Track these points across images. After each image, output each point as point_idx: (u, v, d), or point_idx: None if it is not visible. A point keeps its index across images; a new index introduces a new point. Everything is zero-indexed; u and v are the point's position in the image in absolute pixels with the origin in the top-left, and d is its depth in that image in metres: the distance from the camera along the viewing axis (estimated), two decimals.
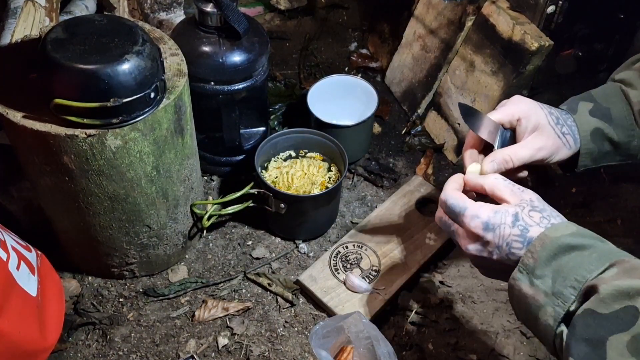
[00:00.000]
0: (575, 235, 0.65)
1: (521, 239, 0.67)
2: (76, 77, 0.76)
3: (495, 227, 0.68)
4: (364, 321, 0.89)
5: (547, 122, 0.82)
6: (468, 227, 0.71)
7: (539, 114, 0.82)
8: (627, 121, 0.84)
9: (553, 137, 0.82)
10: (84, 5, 1.26)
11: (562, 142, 0.83)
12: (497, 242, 0.69)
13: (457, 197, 0.73)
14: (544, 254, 0.64)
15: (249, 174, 1.22)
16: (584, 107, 0.85)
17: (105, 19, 0.85)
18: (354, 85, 1.28)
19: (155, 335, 1.00)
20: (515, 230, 0.67)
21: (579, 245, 0.64)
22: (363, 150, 1.29)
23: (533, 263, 0.65)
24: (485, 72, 1.18)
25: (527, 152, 0.81)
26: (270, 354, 0.98)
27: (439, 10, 1.29)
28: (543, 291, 0.63)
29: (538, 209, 0.69)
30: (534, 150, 0.82)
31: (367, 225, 1.14)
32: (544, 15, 1.09)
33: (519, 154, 0.81)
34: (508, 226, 0.68)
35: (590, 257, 0.63)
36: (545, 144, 0.82)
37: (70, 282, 1.05)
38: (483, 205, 0.71)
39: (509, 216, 0.68)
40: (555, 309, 0.62)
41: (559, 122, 0.83)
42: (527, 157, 0.82)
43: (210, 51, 1.05)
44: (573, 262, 0.63)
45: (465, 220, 0.71)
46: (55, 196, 0.91)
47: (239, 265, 1.10)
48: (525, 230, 0.67)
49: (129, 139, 0.83)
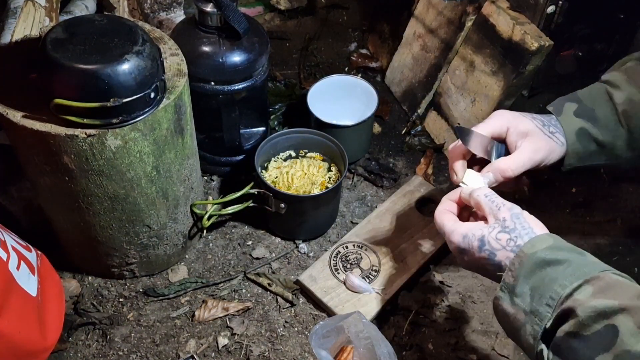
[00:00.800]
0: (552, 249, 0.67)
1: (491, 262, 0.70)
2: (76, 77, 0.76)
3: (465, 252, 0.73)
4: (364, 321, 0.89)
5: (534, 126, 0.85)
6: (450, 245, 0.76)
7: (524, 120, 0.85)
8: (611, 121, 0.86)
9: (544, 139, 0.84)
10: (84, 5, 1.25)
11: (554, 141, 0.85)
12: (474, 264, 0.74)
13: (440, 218, 0.79)
14: (522, 271, 0.66)
15: (249, 174, 1.22)
16: (569, 107, 0.87)
17: (105, 18, 0.85)
18: (354, 85, 1.28)
19: (155, 335, 1.00)
20: (483, 255, 0.71)
21: (553, 260, 0.65)
22: (363, 150, 1.29)
23: (513, 282, 0.67)
24: (485, 72, 1.18)
25: (523, 158, 0.83)
26: (270, 354, 0.98)
27: (439, 10, 1.29)
28: (522, 309, 0.66)
29: (507, 230, 0.70)
30: (530, 154, 0.84)
31: (367, 225, 1.14)
32: (544, 15, 1.09)
33: (517, 161, 0.83)
34: (475, 251, 0.71)
35: (565, 273, 0.64)
36: (539, 146, 0.84)
37: (70, 282, 1.05)
38: (457, 228, 0.75)
39: (475, 241, 0.72)
40: (533, 327, 0.64)
41: (545, 124, 0.86)
42: (525, 163, 0.84)
43: (210, 51, 1.05)
44: (548, 279, 0.64)
45: (446, 239, 0.77)
46: (55, 196, 0.91)
47: (239, 265, 1.10)
48: (492, 255, 0.70)
49: (129, 139, 0.83)
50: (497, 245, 0.70)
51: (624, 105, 0.85)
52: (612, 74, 0.89)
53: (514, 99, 1.19)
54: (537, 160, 0.84)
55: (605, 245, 1.14)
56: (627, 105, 0.85)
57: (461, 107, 1.25)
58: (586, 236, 1.16)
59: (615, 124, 0.85)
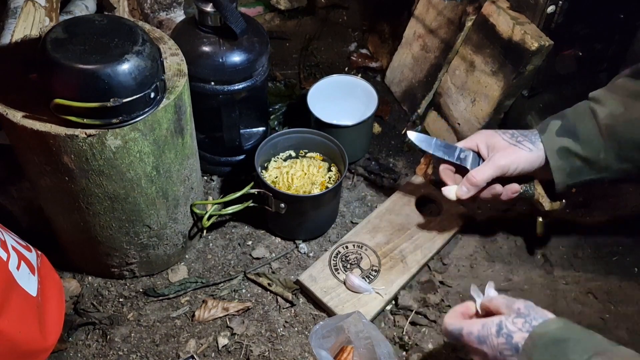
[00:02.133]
0: (562, 329, 0.71)
1: (508, 345, 0.72)
2: (76, 77, 0.76)
3: (485, 339, 0.74)
4: (364, 321, 0.89)
5: (500, 139, 0.96)
6: (468, 343, 0.77)
7: (494, 136, 0.97)
8: (593, 137, 0.92)
9: (508, 146, 0.95)
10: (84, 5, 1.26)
11: (519, 148, 0.94)
12: (492, 353, 0.74)
13: (453, 323, 0.79)
14: (536, 351, 0.69)
15: (249, 174, 1.22)
16: (553, 126, 0.95)
17: (105, 19, 0.85)
18: (354, 85, 1.28)
19: (155, 335, 1.00)
20: (501, 339, 0.73)
21: (565, 338, 0.69)
22: (363, 150, 1.30)
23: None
24: (485, 72, 1.18)
25: (487, 166, 0.95)
26: (270, 354, 0.98)
27: (438, 10, 1.29)
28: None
29: (523, 315, 0.74)
30: (492, 162, 0.95)
31: (367, 225, 1.14)
32: (544, 15, 1.09)
33: (481, 170, 0.95)
34: (494, 336, 0.74)
35: (576, 348, 0.67)
36: (502, 154, 0.94)
37: (70, 282, 1.05)
38: (475, 321, 0.78)
39: (493, 326, 0.74)
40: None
41: (513, 136, 0.95)
42: (489, 170, 0.95)
43: (210, 51, 1.05)
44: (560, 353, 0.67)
45: (464, 339, 0.77)
46: (55, 196, 0.91)
47: (239, 265, 1.10)
48: (509, 337, 0.73)
49: (129, 139, 0.83)
50: (513, 328, 0.73)
51: (606, 119, 0.91)
52: (598, 91, 0.95)
53: (514, 99, 1.19)
54: (501, 166, 0.94)
55: (605, 245, 1.14)
56: (609, 120, 0.90)
57: (461, 107, 1.25)
58: (586, 236, 1.16)
59: (598, 139, 0.91)
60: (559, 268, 1.11)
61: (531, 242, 1.15)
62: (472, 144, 1.00)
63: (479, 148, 0.99)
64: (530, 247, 1.14)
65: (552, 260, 1.12)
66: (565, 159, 0.93)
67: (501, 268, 1.11)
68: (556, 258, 1.13)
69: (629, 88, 0.92)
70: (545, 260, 1.13)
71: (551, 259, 1.13)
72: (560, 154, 0.93)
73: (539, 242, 1.14)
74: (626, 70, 0.94)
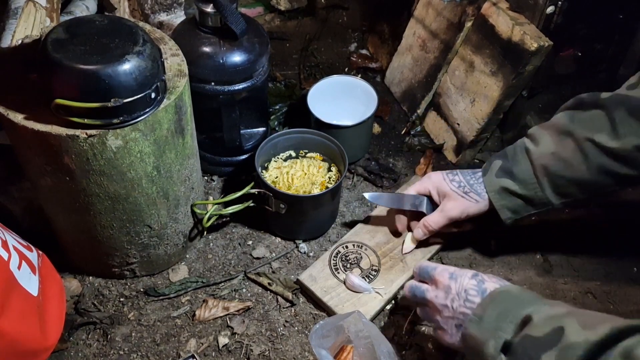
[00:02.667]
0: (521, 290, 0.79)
1: (477, 288, 0.81)
2: (77, 78, 0.77)
3: (457, 277, 0.84)
4: (364, 320, 0.90)
5: (449, 189, 1.03)
6: (437, 278, 0.86)
7: (443, 184, 1.04)
8: (528, 177, 0.96)
9: (458, 198, 1.02)
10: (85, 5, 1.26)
11: (467, 200, 1.01)
12: (457, 290, 0.83)
13: (429, 263, 0.91)
14: (492, 304, 0.77)
15: (249, 174, 1.22)
16: (495, 166, 1.00)
17: (105, 19, 0.85)
18: (354, 86, 1.28)
19: (156, 334, 1.00)
20: (473, 281, 0.82)
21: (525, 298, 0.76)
22: (363, 151, 1.30)
23: (482, 312, 0.77)
24: (485, 73, 1.18)
25: (440, 216, 1.03)
26: (270, 353, 0.98)
27: (438, 11, 1.29)
28: (487, 330, 0.75)
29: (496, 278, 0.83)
30: (445, 212, 1.03)
31: (367, 225, 1.14)
32: (543, 16, 1.09)
33: (435, 218, 1.04)
34: (468, 277, 0.83)
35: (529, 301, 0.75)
36: (453, 205, 1.02)
37: (71, 282, 1.06)
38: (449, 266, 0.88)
39: (470, 272, 0.84)
40: (497, 341, 0.72)
41: (460, 186, 1.02)
42: (442, 220, 1.03)
43: (210, 51, 1.05)
44: (515, 305, 0.75)
45: (436, 273, 0.87)
46: (55, 196, 0.91)
47: (240, 265, 1.10)
48: (481, 282, 0.82)
49: (130, 139, 0.83)
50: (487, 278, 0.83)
51: (540, 159, 0.95)
52: (534, 128, 0.99)
53: (514, 99, 1.19)
54: (452, 217, 1.03)
55: (604, 246, 1.14)
56: (542, 160, 0.94)
57: (460, 107, 1.25)
58: (585, 236, 1.16)
59: (532, 179, 0.96)
60: (559, 268, 1.11)
61: (531, 242, 1.15)
62: (424, 190, 1.07)
63: (431, 194, 1.06)
64: (530, 247, 1.14)
65: (552, 260, 1.12)
66: (506, 198, 0.98)
67: (501, 268, 1.11)
68: (555, 258, 1.13)
69: (559, 125, 0.94)
70: (544, 260, 1.13)
71: (550, 258, 1.13)
72: (500, 194, 0.99)
73: (538, 242, 1.15)
74: (569, 102, 0.96)
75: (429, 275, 0.88)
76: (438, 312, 0.85)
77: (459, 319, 0.81)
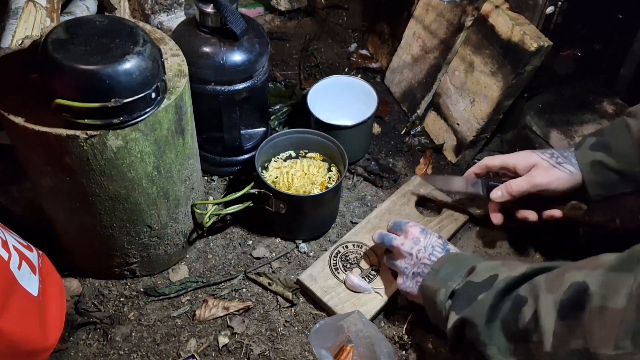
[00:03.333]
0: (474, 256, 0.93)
1: (442, 246, 0.94)
2: (77, 78, 0.77)
3: (428, 233, 0.97)
4: (364, 320, 0.90)
5: (540, 159, 0.99)
6: (409, 229, 0.98)
7: (532, 156, 1.00)
8: (627, 150, 0.93)
9: (548, 167, 0.98)
10: (85, 6, 1.26)
11: (559, 170, 0.97)
12: (425, 244, 0.95)
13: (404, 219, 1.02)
14: (449, 261, 0.90)
15: (250, 174, 1.22)
16: (589, 142, 0.97)
17: (106, 19, 0.85)
18: (354, 86, 1.28)
19: (156, 334, 1.00)
20: (440, 240, 0.95)
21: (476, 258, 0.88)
22: (363, 151, 1.30)
23: (439, 266, 0.89)
24: (485, 73, 1.18)
25: (525, 181, 0.99)
26: (270, 353, 0.98)
27: (438, 11, 1.29)
28: (441, 280, 0.87)
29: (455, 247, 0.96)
30: (531, 178, 0.99)
31: (367, 225, 1.14)
32: (543, 16, 1.09)
33: (518, 182, 1.00)
34: (435, 236, 0.96)
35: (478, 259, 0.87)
36: (541, 173, 0.98)
37: (72, 282, 1.06)
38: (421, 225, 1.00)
39: (436, 234, 0.97)
40: (446, 289, 0.85)
41: (552, 156, 0.99)
42: (527, 185, 0.99)
43: (210, 52, 1.05)
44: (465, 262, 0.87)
45: (409, 225, 0.99)
46: (56, 196, 0.91)
47: (240, 265, 1.10)
48: (446, 244, 0.95)
49: (130, 139, 0.83)
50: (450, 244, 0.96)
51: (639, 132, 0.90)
52: (636, 106, 0.94)
53: (514, 99, 1.19)
54: (537, 184, 0.98)
55: (604, 246, 1.13)
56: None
57: (460, 107, 1.25)
58: (585, 236, 1.16)
59: (631, 152, 0.91)
60: None
61: (530, 242, 1.15)
62: (509, 162, 1.03)
63: (517, 168, 1.02)
64: (530, 247, 1.14)
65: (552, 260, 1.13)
66: (599, 172, 0.95)
67: None
68: (555, 258, 1.13)
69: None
70: (544, 260, 1.13)
71: (550, 258, 1.13)
72: (593, 168, 0.95)
73: (538, 242, 1.15)
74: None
75: (401, 227, 1.00)
76: (402, 257, 0.96)
77: (419, 268, 0.93)
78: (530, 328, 0.71)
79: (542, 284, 0.72)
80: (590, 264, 0.68)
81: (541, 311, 0.69)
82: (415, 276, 0.93)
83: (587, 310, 0.64)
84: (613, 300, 0.62)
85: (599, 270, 0.66)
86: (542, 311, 0.69)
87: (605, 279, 0.64)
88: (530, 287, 0.74)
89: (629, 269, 0.62)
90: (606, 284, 0.64)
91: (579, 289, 0.66)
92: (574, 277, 0.67)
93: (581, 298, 0.65)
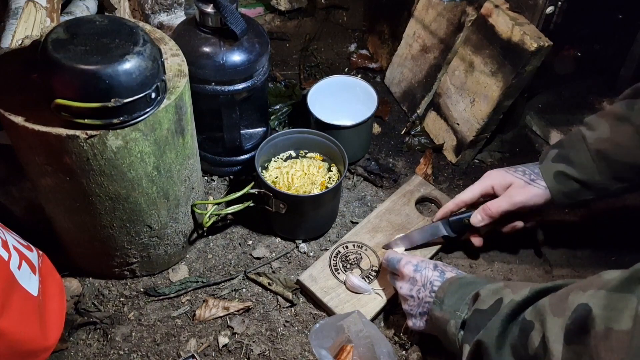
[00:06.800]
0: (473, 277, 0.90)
1: (440, 278, 0.92)
2: (77, 78, 0.77)
3: (421, 269, 0.94)
4: (364, 320, 0.90)
5: (514, 178, 1.02)
6: (402, 270, 0.96)
7: (507, 176, 1.03)
8: (586, 161, 0.97)
9: (523, 185, 1.01)
10: (85, 5, 1.26)
11: (534, 186, 1.00)
12: (422, 281, 0.93)
13: (394, 254, 1.01)
14: (451, 288, 0.88)
15: (250, 174, 1.22)
16: (551, 154, 1.01)
17: (106, 19, 0.85)
18: (354, 86, 1.28)
19: (156, 334, 1.00)
20: (436, 273, 0.93)
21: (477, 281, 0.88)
22: (363, 151, 1.30)
23: (443, 295, 0.88)
24: (485, 73, 1.18)
25: (503, 200, 1.02)
26: (270, 353, 0.98)
27: (438, 11, 1.29)
28: (448, 312, 0.86)
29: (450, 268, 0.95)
30: (508, 197, 1.01)
31: (367, 225, 1.14)
32: (543, 16, 1.09)
33: (496, 203, 1.02)
34: (430, 269, 0.94)
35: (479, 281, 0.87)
36: (517, 192, 1.01)
37: (71, 282, 1.06)
38: (413, 256, 0.99)
39: (430, 263, 0.95)
40: (456, 321, 0.85)
41: (525, 173, 1.02)
42: (505, 204, 1.02)
43: (210, 52, 1.05)
44: (469, 290, 0.86)
45: (401, 265, 0.97)
46: (56, 196, 0.91)
47: (240, 265, 1.10)
48: (443, 273, 0.93)
49: (130, 139, 0.83)
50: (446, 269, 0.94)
51: (595, 144, 0.96)
52: (591, 117, 0.99)
53: (513, 99, 1.19)
54: (517, 202, 1.01)
55: (604, 245, 1.14)
56: (598, 144, 0.95)
57: (460, 107, 1.25)
58: (585, 236, 1.16)
59: (590, 163, 0.96)
60: (558, 268, 1.11)
61: (530, 243, 1.15)
62: (485, 188, 1.05)
63: (495, 190, 1.05)
64: (530, 247, 1.15)
65: (552, 260, 1.13)
66: (563, 182, 0.99)
67: (500, 268, 1.11)
68: (555, 258, 1.13)
69: (617, 112, 0.95)
70: (544, 260, 1.13)
71: (550, 258, 1.13)
72: (557, 178, 0.99)
73: (538, 242, 1.15)
74: (625, 92, 0.97)
75: (394, 268, 0.99)
76: (404, 300, 0.96)
77: (424, 307, 0.92)
78: (539, 353, 0.71)
79: (547, 308, 0.71)
80: (594, 284, 0.67)
81: (549, 336, 0.69)
82: (422, 315, 0.93)
83: (592, 334, 0.64)
84: (617, 322, 0.61)
85: (601, 292, 0.65)
86: (549, 336, 0.69)
87: (607, 302, 0.64)
88: (535, 311, 0.73)
89: (630, 289, 0.62)
90: (609, 306, 0.63)
91: (583, 313, 0.65)
92: (578, 298, 0.67)
93: (585, 322, 0.65)
